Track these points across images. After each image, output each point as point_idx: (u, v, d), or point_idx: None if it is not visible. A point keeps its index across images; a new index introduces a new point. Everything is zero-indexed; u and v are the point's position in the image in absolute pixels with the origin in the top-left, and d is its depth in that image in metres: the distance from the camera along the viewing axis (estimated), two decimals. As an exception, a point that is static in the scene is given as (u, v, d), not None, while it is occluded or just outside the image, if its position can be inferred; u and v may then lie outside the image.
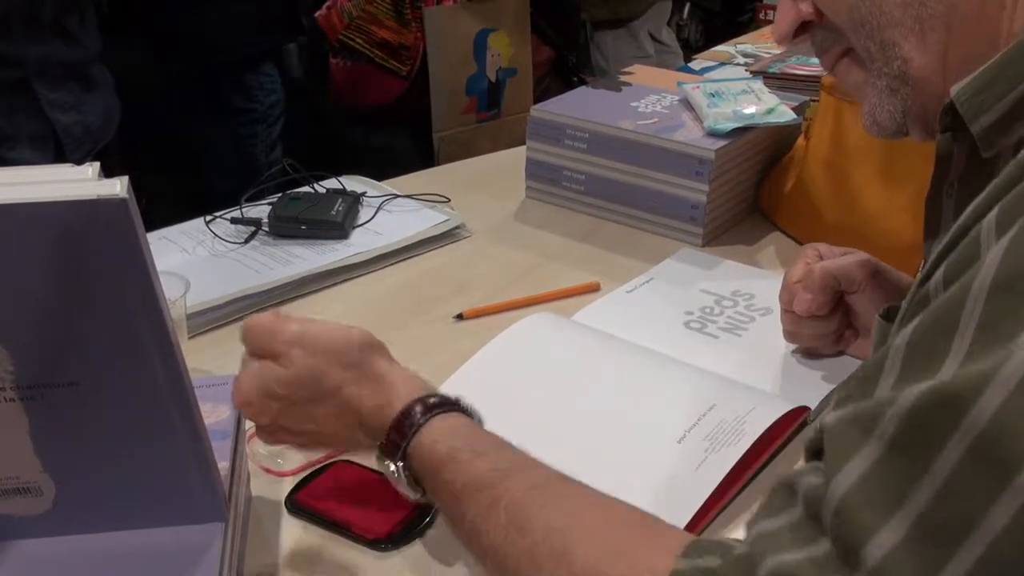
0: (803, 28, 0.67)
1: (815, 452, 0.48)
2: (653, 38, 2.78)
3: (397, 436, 0.64)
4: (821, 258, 0.92)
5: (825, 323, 0.91)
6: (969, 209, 0.50)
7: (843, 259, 0.90)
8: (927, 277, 0.52)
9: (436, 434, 0.63)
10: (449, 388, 0.87)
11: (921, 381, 0.44)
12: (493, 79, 2.22)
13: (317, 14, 2.16)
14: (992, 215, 0.48)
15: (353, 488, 0.77)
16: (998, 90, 0.55)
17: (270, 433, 0.71)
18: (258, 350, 0.69)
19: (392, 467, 0.64)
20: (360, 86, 2.16)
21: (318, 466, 0.80)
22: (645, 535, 0.52)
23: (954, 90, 0.58)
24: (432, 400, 0.65)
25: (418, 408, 0.64)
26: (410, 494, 0.65)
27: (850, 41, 0.65)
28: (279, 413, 0.68)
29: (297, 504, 0.76)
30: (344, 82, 2.17)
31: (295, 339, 0.67)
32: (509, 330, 0.94)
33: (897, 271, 0.90)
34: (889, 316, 0.55)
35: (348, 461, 0.80)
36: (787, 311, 0.92)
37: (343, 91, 2.18)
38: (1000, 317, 0.43)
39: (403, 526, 0.74)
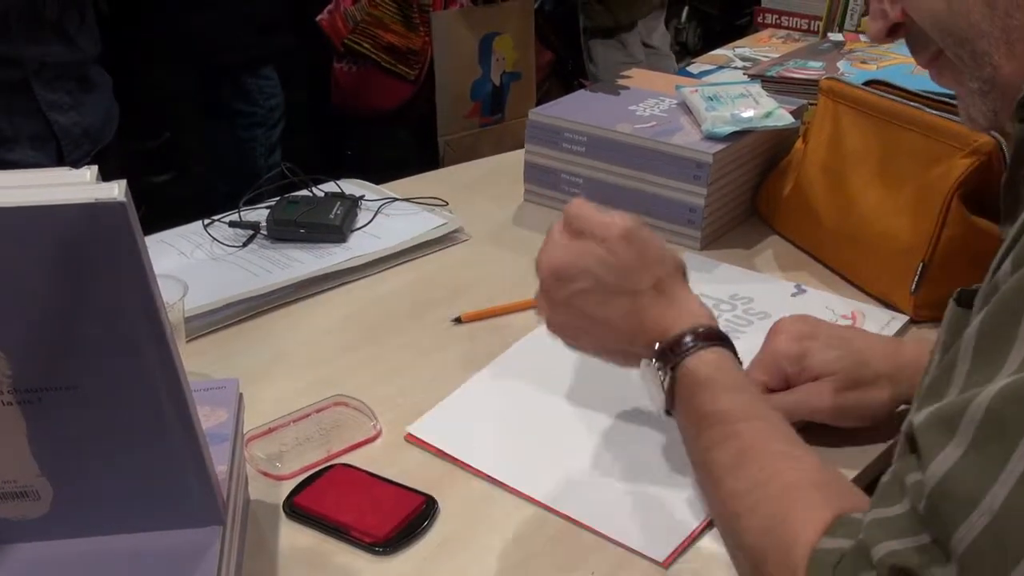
0: (896, 29, 0.70)
1: (911, 443, 0.52)
2: (643, 43, 2.78)
3: (670, 353, 0.72)
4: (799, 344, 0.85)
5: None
6: None
7: (801, 397, 0.83)
8: (1000, 262, 0.54)
9: (697, 362, 0.71)
10: (455, 398, 0.88)
11: (993, 372, 0.48)
12: (497, 83, 2.22)
13: (319, 18, 2.16)
14: None
15: (351, 491, 0.77)
16: None
17: (551, 313, 0.79)
18: (582, 232, 0.76)
19: (661, 376, 0.73)
20: (365, 90, 2.16)
21: (316, 469, 0.80)
22: (808, 504, 0.58)
23: None
24: (703, 331, 0.73)
25: (689, 337, 0.72)
26: (659, 402, 0.73)
27: (938, 44, 0.67)
28: (575, 294, 0.76)
29: (295, 507, 0.76)
30: (349, 86, 2.17)
31: (626, 233, 0.75)
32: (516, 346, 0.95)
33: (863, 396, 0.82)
34: (961, 299, 0.57)
35: (347, 464, 0.80)
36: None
37: (347, 95, 2.18)
38: None
39: (402, 529, 0.74)
